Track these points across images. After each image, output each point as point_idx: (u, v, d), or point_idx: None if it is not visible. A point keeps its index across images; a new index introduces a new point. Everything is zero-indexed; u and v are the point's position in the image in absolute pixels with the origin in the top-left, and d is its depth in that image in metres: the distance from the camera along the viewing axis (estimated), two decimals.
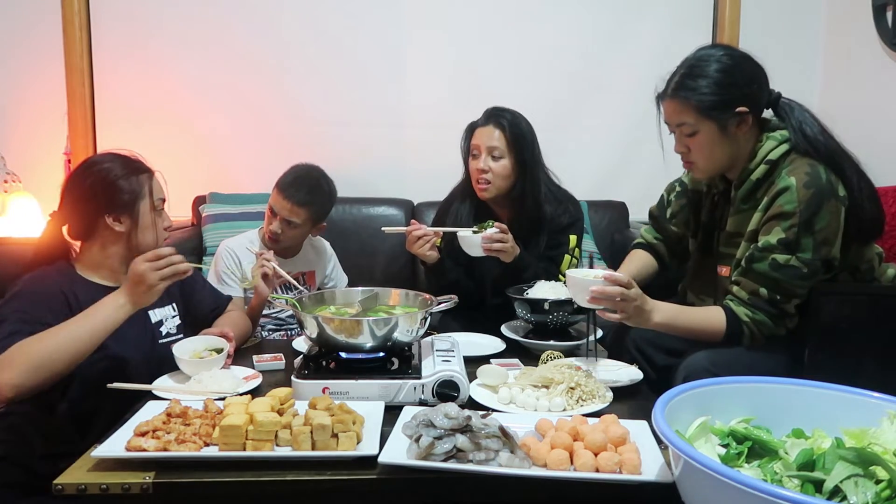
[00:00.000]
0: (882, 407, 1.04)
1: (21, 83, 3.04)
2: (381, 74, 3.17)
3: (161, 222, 1.66)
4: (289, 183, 2.15)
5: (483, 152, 2.12)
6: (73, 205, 1.59)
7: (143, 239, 1.61)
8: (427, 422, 1.12)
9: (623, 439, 1.13)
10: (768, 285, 1.51)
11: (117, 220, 1.58)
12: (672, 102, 1.58)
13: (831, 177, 1.50)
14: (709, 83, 1.53)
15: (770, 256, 1.50)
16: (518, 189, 2.15)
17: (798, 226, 1.47)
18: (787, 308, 1.52)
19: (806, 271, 1.49)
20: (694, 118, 1.54)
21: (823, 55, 3.24)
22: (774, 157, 1.54)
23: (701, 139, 1.56)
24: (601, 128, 3.25)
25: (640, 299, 1.49)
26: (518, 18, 3.20)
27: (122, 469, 1.09)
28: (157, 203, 1.65)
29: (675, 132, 1.62)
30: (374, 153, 3.21)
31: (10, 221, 2.87)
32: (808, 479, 0.90)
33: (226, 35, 3.08)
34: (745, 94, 1.54)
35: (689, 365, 1.53)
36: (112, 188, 1.58)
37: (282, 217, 2.14)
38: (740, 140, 1.57)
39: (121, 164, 1.61)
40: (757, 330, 1.53)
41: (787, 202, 1.48)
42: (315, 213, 2.18)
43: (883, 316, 1.58)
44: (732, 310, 1.54)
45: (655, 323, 1.53)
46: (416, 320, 1.46)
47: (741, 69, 1.56)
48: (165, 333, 1.68)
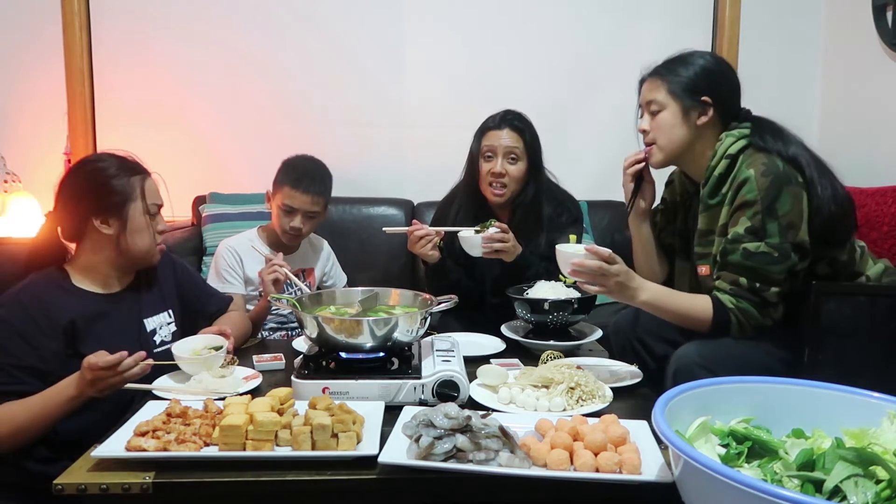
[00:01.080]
0: (882, 407, 1.04)
1: (21, 83, 3.04)
2: (382, 74, 3.17)
3: (155, 226, 1.62)
4: (300, 177, 2.14)
5: (499, 155, 2.12)
6: (65, 204, 1.56)
7: (134, 243, 1.57)
8: (427, 422, 1.12)
9: (623, 439, 1.13)
10: (746, 274, 1.54)
11: (105, 223, 1.54)
12: (650, 81, 1.71)
13: (788, 167, 1.55)
14: (687, 72, 1.66)
15: (741, 246, 1.53)
16: (525, 192, 2.16)
17: (761, 212, 1.52)
18: (768, 296, 1.54)
19: (777, 255, 1.51)
20: (663, 96, 1.66)
21: (823, 55, 3.23)
22: (733, 151, 1.61)
23: (663, 117, 1.66)
24: (601, 128, 3.25)
25: (624, 275, 1.53)
26: (518, 18, 3.19)
27: (122, 469, 1.09)
28: (150, 207, 1.60)
29: (644, 113, 1.73)
30: (374, 153, 3.21)
31: (10, 221, 2.87)
32: (808, 479, 0.90)
33: (226, 35, 3.08)
34: (715, 91, 1.65)
35: (679, 358, 1.55)
36: (101, 189, 1.54)
37: (303, 211, 2.14)
38: (701, 132, 1.66)
39: (115, 164, 1.58)
40: (743, 318, 1.54)
41: (748, 191, 1.54)
42: (328, 198, 2.22)
43: (883, 316, 1.58)
44: (718, 298, 1.57)
45: (641, 301, 1.57)
46: (416, 320, 1.46)
47: (721, 72, 1.69)
48: (160, 342, 1.65)
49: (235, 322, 1.81)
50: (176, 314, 1.73)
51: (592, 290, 1.55)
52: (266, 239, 2.27)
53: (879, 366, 1.55)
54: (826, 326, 1.55)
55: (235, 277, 2.19)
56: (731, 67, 1.72)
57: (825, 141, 3.15)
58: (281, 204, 2.15)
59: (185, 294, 1.78)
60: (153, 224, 1.61)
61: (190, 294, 1.80)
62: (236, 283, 2.18)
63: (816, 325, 1.55)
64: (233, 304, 1.93)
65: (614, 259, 1.53)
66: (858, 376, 1.16)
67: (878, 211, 2.41)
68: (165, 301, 1.71)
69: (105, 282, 1.59)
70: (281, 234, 2.20)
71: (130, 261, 1.60)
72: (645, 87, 1.72)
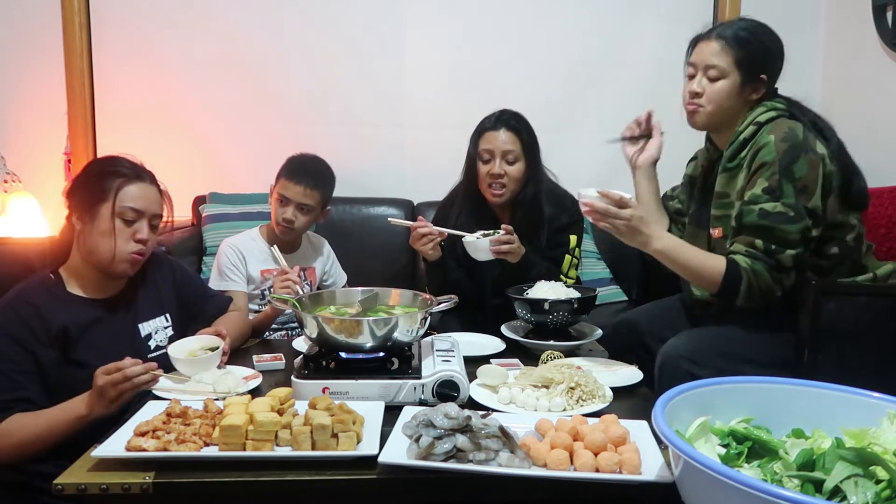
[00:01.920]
0: (882, 407, 1.04)
1: (21, 83, 3.04)
2: (382, 74, 3.17)
3: (132, 233, 1.53)
4: (296, 169, 2.18)
5: (497, 157, 2.12)
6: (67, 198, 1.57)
7: (95, 245, 1.50)
8: (427, 422, 1.12)
9: (623, 439, 1.13)
10: (762, 235, 1.55)
11: (80, 220, 1.52)
12: (714, 43, 1.68)
13: (809, 135, 1.57)
14: (753, 44, 1.66)
15: (757, 207, 1.55)
16: (525, 192, 2.16)
17: (778, 172, 1.54)
18: (783, 259, 1.55)
19: (793, 214, 1.53)
20: (728, 64, 1.65)
21: (823, 55, 3.23)
22: (763, 119, 1.63)
23: (721, 86, 1.66)
24: (601, 127, 3.24)
25: (637, 221, 1.57)
26: (518, 18, 3.19)
27: (122, 469, 1.09)
28: (123, 210, 1.51)
29: (696, 74, 1.71)
30: (374, 153, 3.21)
31: (10, 221, 2.87)
32: (808, 479, 0.90)
33: (226, 35, 3.08)
34: (771, 69, 1.69)
35: (664, 352, 1.57)
36: (83, 185, 1.54)
37: (296, 203, 2.15)
38: (746, 106, 1.68)
39: (107, 164, 1.57)
40: (755, 280, 1.55)
41: (766, 154, 1.57)
42: (324, 195, 2.21)
43: (883, 316, 1.59)
44: (733, 258, 1.58)
45: (654, 249, 1.59)
46: (416, 320, 1.46)
47: (778, 51, 1.71)
48: (154, 347, 1.64)
49: (234, 322, 1.81)
50: (174, 318, 1.71)
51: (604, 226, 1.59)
52: (266, 236, 2.27)
53: (879, 366, 1.55)
54: (826, 326, 1.55)
55: (238, 275, 2.19)
56: (782, 43, 1.73)
57: None
58: (277, 195, 2.18)
59: (185, 298, 1.76)
60: (128, 231, 1.53)
61: (189, 297, 1.78)
62: (239, 280, 2.18)
63: (816, 325, 1.55)
64: (233, 305, 1.92)
65: (625, 203, 1.56)
66: (858, 376, 1.16)
67: (879, 211, 2.41)
68: (163, 305, 1.69)
69: (97, 286, 1.57)
70: (275, 227, 2.21)
71: (95, 265, 1.54)
72: (707, 48, 1.68)
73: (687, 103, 1.73)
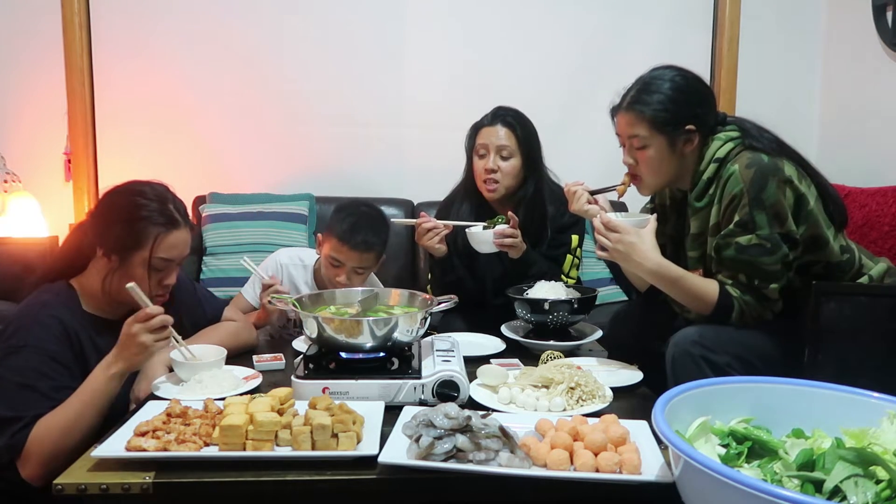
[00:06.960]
0: (882, 407, 1.04)
1: (21, 83, 3.04)
2: (381, 74, 3.17)
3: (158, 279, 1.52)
4: (348, 231, 1.93)
5: (491, 152, 2.12)
6: (92, 217, 1.53)
7: (119, 290, 1.47)
8: (427, 422, 1.12)
9: (623, 439, 1.13)
10: (744, 270, 1.54)
11: (106, 256, 1.48)
12: (626, 115, 1.64)
13: (775, 159, 1.54)
14: (662, 99, 1.59)
15: (733, 241, 1.53)
16: (524, 188, 2.16)
17: (748, 204, 1.51)
18: (768, 293, 1.54)
19: (769, 246, 1.51)
20: (646, 131, 1.60)
21: (823, 55, 3.23)
22: (722, 154, 1.59)
23: (650, 153, 1.62)
24: (602, 127, 3.20)
25: (627, 245, 1.54)
26: (518, 18, 3.20)
27: (122, 469, 1.09)
28: (156, 261, 1.50)
29: (625, 145, 1.68)
30: (374, 153, 3.21)
31: (10, 221, 2.87)
32: (808, 479, 0.90)
33: (226, 34, 3.08)
34: (695, 113, 1.61)
35: (677, 341, 1.54)
36: (120, 224, 1.48)
37: (351, 267, 1.96)
38: (686, 157, 1.63)
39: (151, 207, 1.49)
40: (746, 308, 1.54)
41: (733, 185, 1.53)
42: (381, 251, 2.01)
43: (883, 316, 1.58)
44: (725, 288, 1.56)
45: (648, 270, 1.56)
46: (416, 320, 1.46)
47: (693, 89, 1.63)
48: None
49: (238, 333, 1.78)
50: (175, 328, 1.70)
51: (602, 255, 1.59)
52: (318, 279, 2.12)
53: (879, 366, 1.54)
54: (826, 326, 1.55)
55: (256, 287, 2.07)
56: (698, 77, 1.67)
57: (825, 141, 3.16)
58: (328, 255, 1.97)
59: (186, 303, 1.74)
60: (156, 277, 1.52)
61: (192, 304, 1.77)
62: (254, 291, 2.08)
63: (816, 325, 1.55)
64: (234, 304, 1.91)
65: (615, 228, 1.54)
66: (858, 376, 1.16)
67: (879, 211, 2.41)
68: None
69: (111, 309, 1.55)
70: (327, 283, 2.02)
71: (114, 297, 1.52)
72: (622, 121, 1.66)
73: (629, 174, 1.70)
